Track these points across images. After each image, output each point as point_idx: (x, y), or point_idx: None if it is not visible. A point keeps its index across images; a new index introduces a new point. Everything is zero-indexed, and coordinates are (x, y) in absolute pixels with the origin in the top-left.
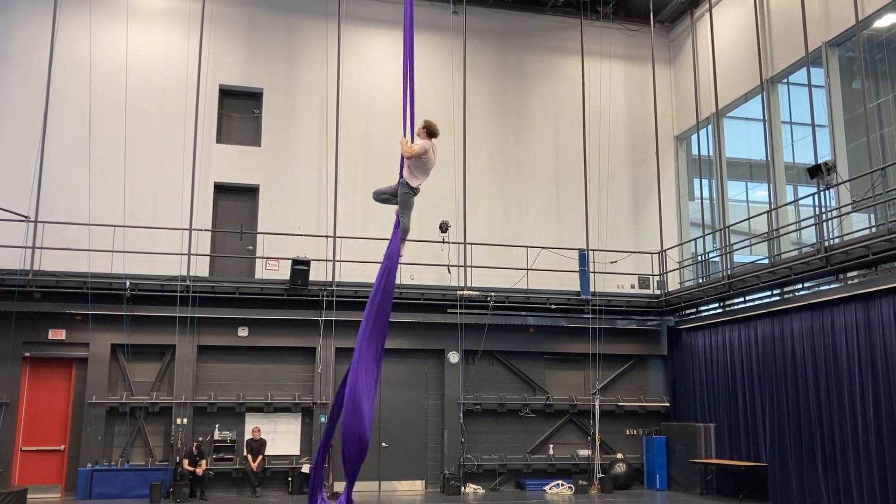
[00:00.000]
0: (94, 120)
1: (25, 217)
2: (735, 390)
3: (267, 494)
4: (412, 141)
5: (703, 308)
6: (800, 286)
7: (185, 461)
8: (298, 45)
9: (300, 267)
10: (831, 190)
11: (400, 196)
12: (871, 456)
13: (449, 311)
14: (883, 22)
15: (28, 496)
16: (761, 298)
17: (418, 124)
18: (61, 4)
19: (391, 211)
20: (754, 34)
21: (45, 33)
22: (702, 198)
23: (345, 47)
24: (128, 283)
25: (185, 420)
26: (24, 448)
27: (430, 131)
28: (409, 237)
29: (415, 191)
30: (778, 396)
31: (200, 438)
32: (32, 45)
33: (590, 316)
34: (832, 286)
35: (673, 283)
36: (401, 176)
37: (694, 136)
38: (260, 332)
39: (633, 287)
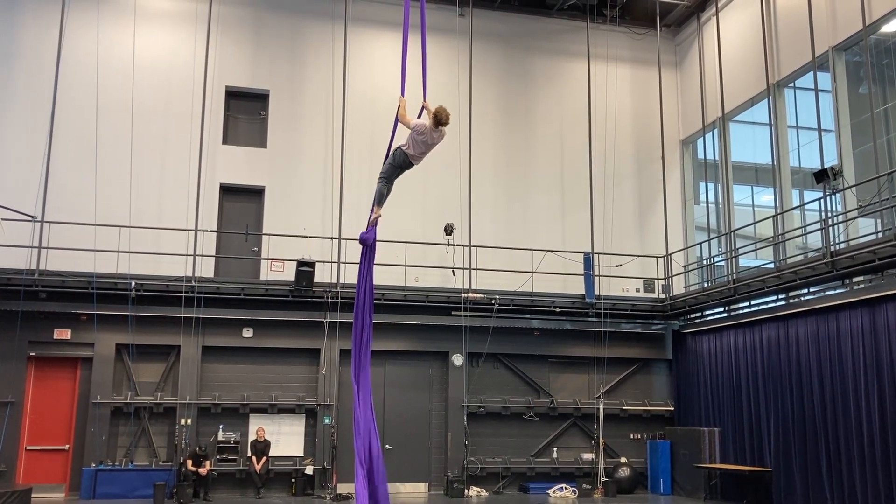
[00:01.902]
0: (101, 120)
1: (32, 217)
2: (740, 395)
3: (270, 496)
4: (419, 115)
5: (708, 312)
6: (805, 291)
7: (189, 462)
8: (304, 47)
9: (305, 268)
10: (837, 195)
11: (392, 157)
12: (875, 461)
13: (453, 313)
14: (890, 27)
15: (32, 495)
16: (766, 303)
17: (433, 105)
18: (69, 5)
19: (396, 213)
20: (761, 38)
21: (53, 34)
22: (707, 202)
23: (351, 49)
24: (133, 284)
25: (189, 420)
26: (28, 447)
27: (437, 119)
28: (413, 238)
29: (401, 160)
30: (783, 401)
31: (201, 446)
32: (40, 46)
33: (594, 319)
34: (838, 291)
35: (678, 287)
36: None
37: (700, 140)
38: (264, 333)
39: (637, 291)
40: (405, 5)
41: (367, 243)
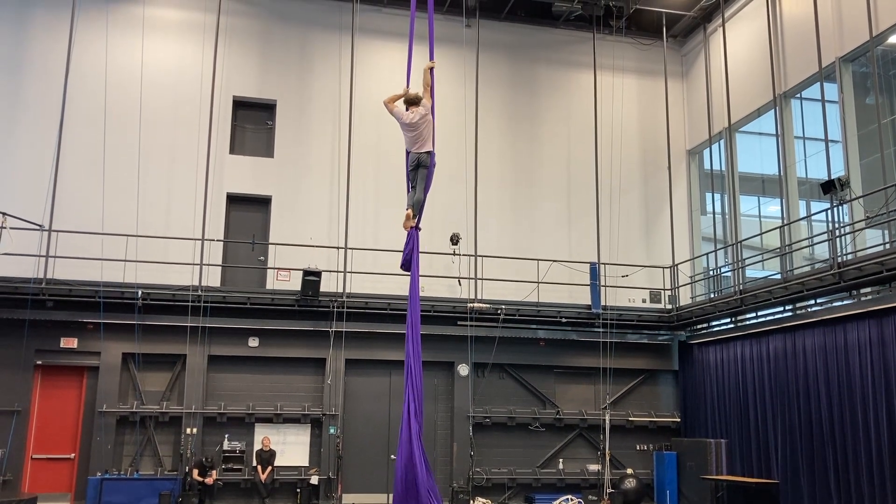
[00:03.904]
0: (109, 130)
1: (39, 226)
2: (747, 406)
3: None
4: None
5: (714, 323)
6: (812, 302)
7: (195, 471)
8: (312, 57)
9: (311, 278)
10: (844, 206)
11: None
12: (884, 474)
13: (459, 323)
14: None
15: None
16: (773, 314)
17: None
18: (78, 16)
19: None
20: (767, 49)
21: (62, 44)
22: (714, 212)
23: (358, 60)
24: (140, 293)
25: (194, 430)
26: (34, 456)
27: (405, 100)
28: (419, 248)
29: (409, 160)
30: (790, 413)
31: (207, 455)
32: (49, 56)
33: (601, 330)
34: (845, 302)
35: (684, 298)
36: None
37: (706, 151)
38: (270, 342)
39: (644, 301)
40: (411, 16)
41: (406, 268)
